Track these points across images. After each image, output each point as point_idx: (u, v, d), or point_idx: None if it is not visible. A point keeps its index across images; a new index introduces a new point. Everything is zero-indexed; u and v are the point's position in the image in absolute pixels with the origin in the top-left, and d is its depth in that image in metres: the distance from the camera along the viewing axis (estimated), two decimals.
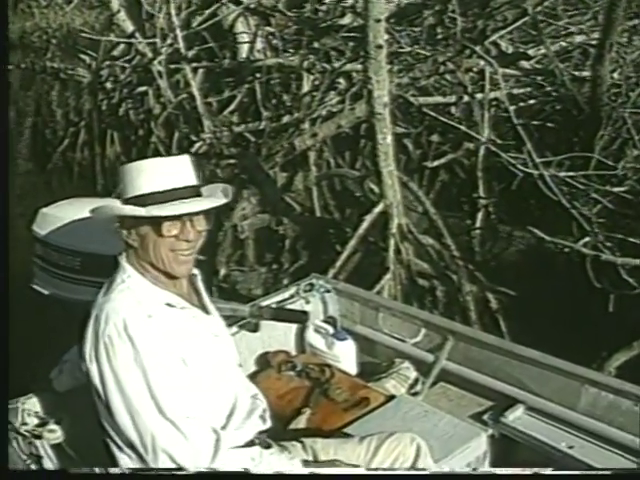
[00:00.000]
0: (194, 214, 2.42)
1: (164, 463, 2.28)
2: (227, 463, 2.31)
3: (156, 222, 2.39)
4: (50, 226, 3.33)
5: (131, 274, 2.46)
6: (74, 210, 3.29)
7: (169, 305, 2.45)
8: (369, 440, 2.67)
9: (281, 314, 3.62)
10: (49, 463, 2.88)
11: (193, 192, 2.46)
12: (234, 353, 2.68)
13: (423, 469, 2.62)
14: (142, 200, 2.41)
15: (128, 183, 2.46)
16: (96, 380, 2.34)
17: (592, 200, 6.21)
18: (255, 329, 3.60)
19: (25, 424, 3.01)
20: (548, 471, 2.35)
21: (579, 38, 7.90)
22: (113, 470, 2.44)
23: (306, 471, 2.38)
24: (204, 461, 2.28)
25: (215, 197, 2.52)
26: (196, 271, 2.63)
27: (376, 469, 2.53)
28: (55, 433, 2.99)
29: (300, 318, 3.67)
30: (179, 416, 2.29)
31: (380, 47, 5.31)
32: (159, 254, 2.42)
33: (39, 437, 2.96)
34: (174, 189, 2.42)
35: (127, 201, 2.45)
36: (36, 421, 3.04)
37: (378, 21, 5.25)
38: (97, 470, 2.72)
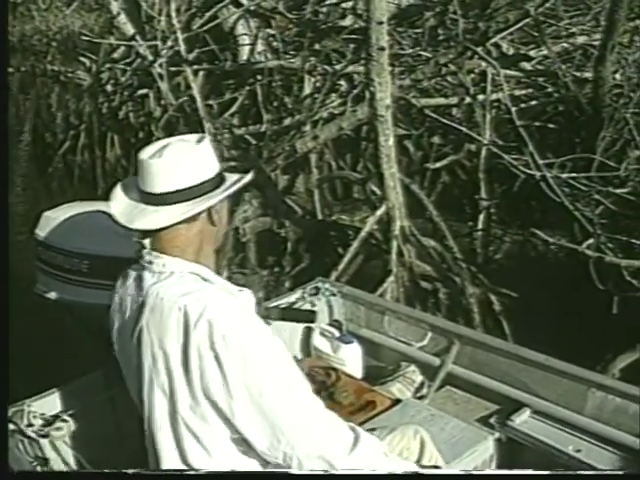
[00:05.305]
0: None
1: None
2: None
3: None
4: (54, 229, 3.31)
5: None
6: (78, 213, 3.28)
7: None
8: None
9: (289, 314, 3.57)
10: (55, 463, 2.88)
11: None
12: None
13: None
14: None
15: None
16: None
17: (594, 201, 6.18)
18: None
19: (31, 425, 3.00)
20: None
21: (581, 39, 7.92)
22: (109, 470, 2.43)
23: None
24: None
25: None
26: None
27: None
28: (61, 431, 2.99)
29: (308, 317, 3.63)
30: None
31: (382, 49, 5.32)
32: None
33: (45, 436, 2.96)
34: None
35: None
36: (41, 422, 3.03)
37: (380, 23, 5.26)
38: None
